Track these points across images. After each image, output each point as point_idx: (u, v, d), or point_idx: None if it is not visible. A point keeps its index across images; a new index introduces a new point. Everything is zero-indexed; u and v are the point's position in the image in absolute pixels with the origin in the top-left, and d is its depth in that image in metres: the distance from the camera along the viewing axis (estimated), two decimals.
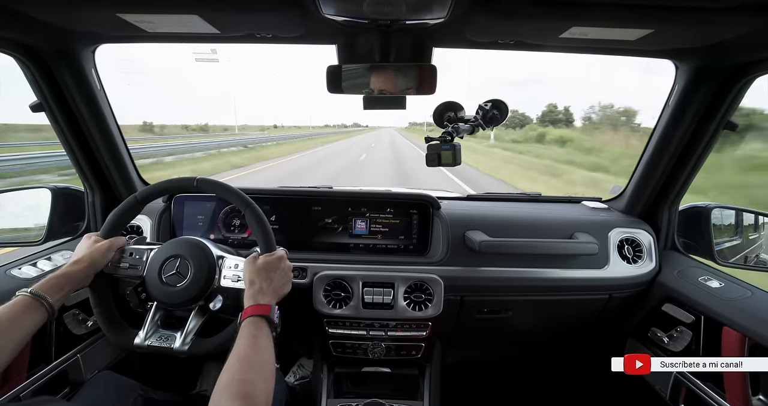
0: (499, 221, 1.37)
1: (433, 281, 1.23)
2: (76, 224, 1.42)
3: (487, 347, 1.72)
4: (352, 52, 1.10)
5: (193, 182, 1.01)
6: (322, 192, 1.40)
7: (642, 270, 1.33)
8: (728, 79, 1.11)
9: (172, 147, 16.84)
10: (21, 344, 0.76)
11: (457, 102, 1.19)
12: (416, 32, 1.04)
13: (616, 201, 1.55)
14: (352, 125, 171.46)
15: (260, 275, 0.90)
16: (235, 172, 11.25)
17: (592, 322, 1.47)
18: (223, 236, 1.36)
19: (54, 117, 1.22)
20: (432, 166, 1.11)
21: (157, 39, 1.13)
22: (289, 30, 1.03)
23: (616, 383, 1.51)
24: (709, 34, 0.97)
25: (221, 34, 1.04)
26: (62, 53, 1.13)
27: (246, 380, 0.69)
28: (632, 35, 0.94)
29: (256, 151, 19.37)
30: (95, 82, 1.24)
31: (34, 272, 1.13)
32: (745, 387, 0.99)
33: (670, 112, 1.23)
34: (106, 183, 1.42)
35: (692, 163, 1.27)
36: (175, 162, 13.40)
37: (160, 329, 0.97)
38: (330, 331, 1.29)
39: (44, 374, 1.07)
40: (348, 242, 1.36)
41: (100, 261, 0.95)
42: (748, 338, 0.99)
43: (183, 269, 0.97)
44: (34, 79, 1.14)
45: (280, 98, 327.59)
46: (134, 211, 1.04)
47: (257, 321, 0.82)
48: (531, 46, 1.09)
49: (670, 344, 1.24)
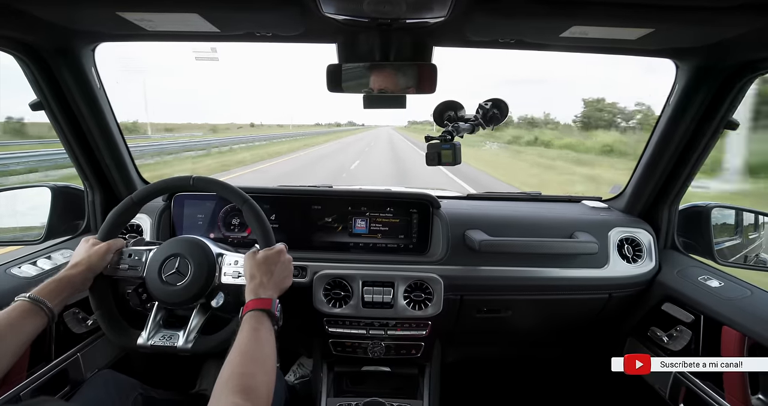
0: (499, 221, 1.37)
1: (433, 280, 1.23)
2: (76, 222, 1.42)
3: (486, 346, 1.72)
4: (352, 51, 1.10)
5: (189, 181, 1.01)
6: (321, 191, 1.40)
7: (642, 269, 1.33)
8: (729, 79, 1.10)
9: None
10: (21, 350, 0.77)
11: (457, 101, 1.19)
12: (416, 31, 1.04)
13: (616, 200, 1.55)
14: (346, 124, 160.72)
15: (260, 269, 0.91)
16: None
17: (592, 321, 1.47)
18: (223, 235, 1.36)
19: (53, 115, 1.22)
20: (432, 165, 1.11)
21: (157, 38, 1.13)
22: (289, 29, 1.03)
23: (615, 382, 1.51)
24: (710, 34, 0.97)
25: (221, 33, 1.04)
26: (62, 52, 1.13)
27: (247, 374, 0.70)
28: (633, 34, 0.94)
29: (221, 155, 15.44)
30: (95, 81, 1.24)
31: (34, 270, 1.13)
32: (744, 386, 0.99)
33: (671, 111, 1.23)
34: (105, 182, 1.41)
35: (692, 162, 1.27)
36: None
37: (163, 329, 0.98)
38: (330, 330, 1.29)
39: (44, 373, 1.07)
40: (348, 241, 1.36)
41: (98, 264, 0.94)
42: (747, 337, 0.99)
43: (183, 268, 0.97)
44: (34, 78, 1.14)
45: (264, 95, 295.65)
46: (131, 212, 1.03)
47: (258, 315, 0.82)
48: (531, 45, 1.09)
49: (669, 343, 1.24)
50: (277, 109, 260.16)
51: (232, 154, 16.17)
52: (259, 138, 27.78)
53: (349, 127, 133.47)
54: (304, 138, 32.97)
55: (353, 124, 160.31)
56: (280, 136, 33.30)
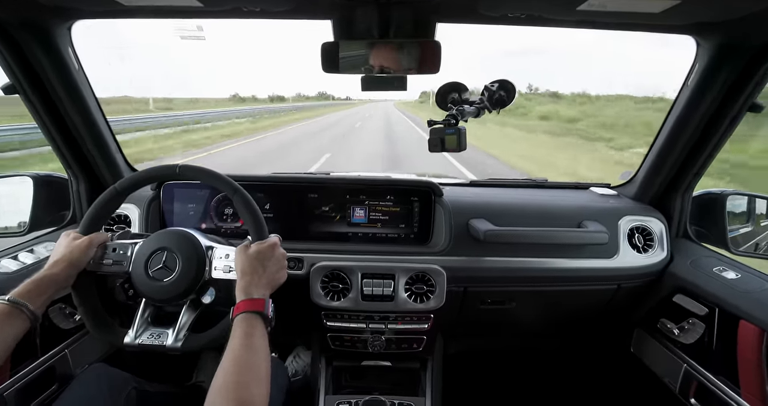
0: (504, 209, 1.31)
1: (435, 271, 1.18)
2: (61, 213, 1.36)
3: (490, 338, 1.69)
4: (349, 28, 1.01)
5: (175, 169, 0.94)
6: (318, 179, 1.34)
7: (653, 260, 1.28)
8: (755, 58, 1.02)
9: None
10: (3, 356, 0.72)
11: (461, 83, 1.11)
12: (419, 5, 0.95)
13: (625, 187, 1.49)
14: (315, 97, 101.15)
15: (252, 264, 0.85)
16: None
17: (599, 313, 1.43)
18: (216, 226, 1.30)
19: (29, 100, 1.13)
20: (435, 151, 1.04)
21: (136, 14, 1.04)
22: (278, 2, 0.95)
23: (623, 375, 1.48)
24: (739, 6, 0.89)
25: (205, 8, 0.95)
26: (33, 30, 1.04)
27: (241, 383, 0.67)
28: (657, 7, 0.86)
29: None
30: (73, 62, 1.15)
31: (15, 265, 1.08)
32: (762, 382, 0.95)
33: (689, 93, 1.15)
34: (90, 170, 1.34)
35: (710, 147, 1.19)
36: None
37: (151, 327, 0.93)
38: (328, 324, 1.24)
39: (30, 371, 1.03)
40: (346, 231, 1.30)
41: (80, 260, 0.89)
42: (767, 332, 0.94)
43: (170, 263, 0.91)
44: (4, 59, 1.05)
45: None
46: (115, 203, 0.97)
47: (250, 318, 0.78)
48: (544, 20, 1.00)
49: (680, 336, 1.19)
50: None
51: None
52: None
53: (324, 102, 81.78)
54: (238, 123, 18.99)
55: (328, 97, 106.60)
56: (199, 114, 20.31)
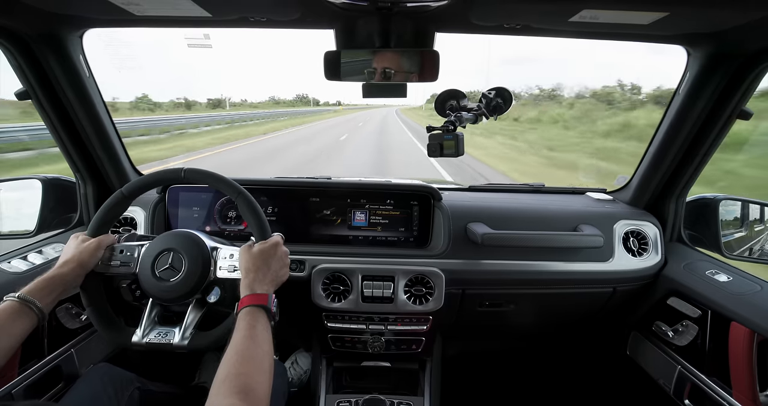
0: (502, 213, 1.33)
1: (434, 274, 1.21)
2: (68, 215, 1.39)
3: (488, 340, 1.71)
4: (350, 37, 1.05)
5: (180, 173, 0.97)
6: (320, 183, 1.36)
7: (647, 263, 1.30)
8: (743, 66, 1.06)
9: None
10: (10, 352, 0.75)
11: (459, 90, 1.15)
12: (418, 15, 0.99)
13: (621, 192, 1.52)
14: (296, 99, 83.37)
15: (256, 263, 0.88)
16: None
17: (595, 315, 1.45)
18: (219, 228, 1.33)
19: (41, 105, 1.17)
20: (434, 156, 1.07)
21: (146, 23, 1.08)
22: (284, 13, 0.98)
23: (618, 377, 1.50)
24: (726, 18, 0.92)
25: (213, 18, 0.99)
26: (48, 38, 1.08)
27: (244, 374, 0.68)
28: (646, 19, 0.90)
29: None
30: (84, 69, 1.19)
31: (25, 265, 1.10)
32: (752, 383, 0.97)
33: (681, 100, 1.19)
34: (98, 174, 1.37)
35: (702, 153, 1.22)
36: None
37: (158, 326, 0.95)
38: (329, 325, 1.27)
39: (36, 370, 1.05)
40: (347, 234, 1.33)
41: (89, 261, 0.91)
42: (757, 333, 0.96)
43: (176, 263, 0.94)
44: (19, 66, 1.09)
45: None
46: (122, 206, 1.00)
47: (254, 311, 0.80)
48: (538, 30, 1.04)
49: (675, 338, 1.21)
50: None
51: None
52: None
53: (304, 108, 58.58)
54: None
55: (311, 102, 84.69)
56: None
